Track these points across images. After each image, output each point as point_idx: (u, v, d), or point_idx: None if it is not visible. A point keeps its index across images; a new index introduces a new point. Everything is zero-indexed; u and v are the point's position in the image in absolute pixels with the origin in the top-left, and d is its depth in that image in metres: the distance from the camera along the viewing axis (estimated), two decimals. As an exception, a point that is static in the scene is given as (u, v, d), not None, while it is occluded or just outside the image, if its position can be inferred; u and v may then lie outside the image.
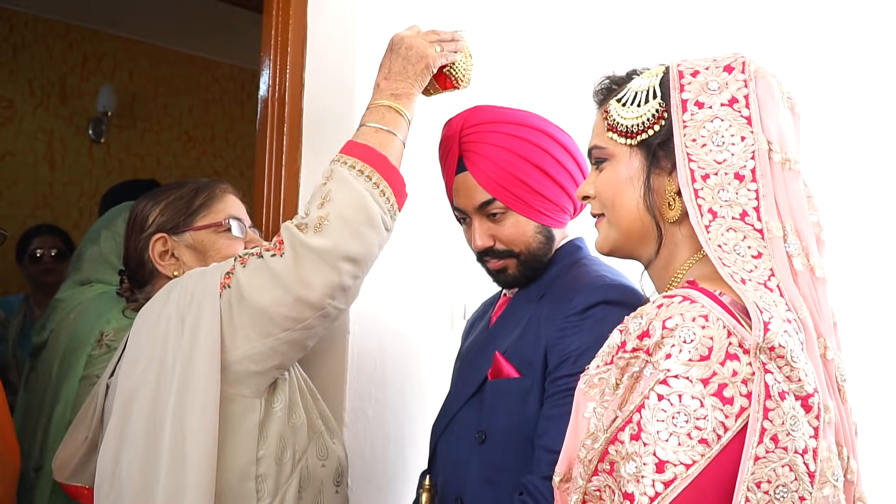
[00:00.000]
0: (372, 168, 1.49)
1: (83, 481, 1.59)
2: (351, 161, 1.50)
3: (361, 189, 1.47)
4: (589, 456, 1.02)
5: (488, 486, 1.54)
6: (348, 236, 1.44)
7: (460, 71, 1.67)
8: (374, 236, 1.48)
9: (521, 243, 1.61)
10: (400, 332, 2.06)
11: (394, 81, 1.58)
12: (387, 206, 1.49)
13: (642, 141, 1.16)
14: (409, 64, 1.59)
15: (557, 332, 1.51)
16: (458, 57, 1.66)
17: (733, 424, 0.94)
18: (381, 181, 1.49)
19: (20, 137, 4.57)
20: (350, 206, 1.45)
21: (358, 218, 1.45)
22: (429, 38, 1.63)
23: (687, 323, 0.98)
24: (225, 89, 5.37)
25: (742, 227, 1.06)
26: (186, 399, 1.41)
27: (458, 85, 1.68)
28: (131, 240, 1.67)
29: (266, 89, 2.07)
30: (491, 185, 1.58)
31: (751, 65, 1.13)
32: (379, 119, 1.55)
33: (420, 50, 1.59)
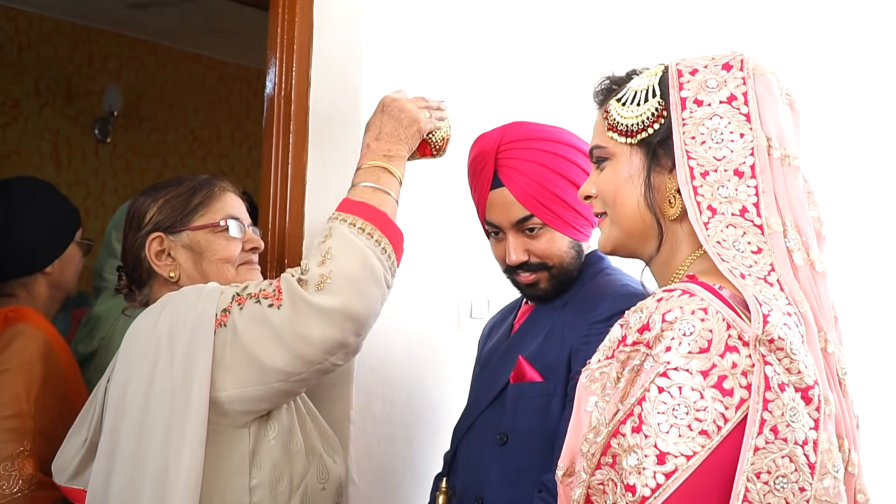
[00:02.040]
0: (373, 226, 1.48)
1: (82, 484, 1.55)
2: (351, 219, 1.49)
3: (364, 247, 1.46)
4: (591, 450, 1.03)
5: (509, 488, 1.57)
6: (353, 295, 1.43)
7: (440, 140, 1.67)
8: (377, 294, 1.47)
9: (555, 258, 1.63)
10: (406, 330, 2.07)
11: (386, 143, 1.58)
12: (388, 264, 1.49)
13: (642, 139, 1.17)
14: (402, 127, 1.59)
15: (582, 339, 1.54)
16: (442, 125, 1.67)
17: (733, 416, 0.95)
18: (382, 238, 1.48)
19: (26, 137, 4.59)
20: (353, 265, 1.44)
21: (362, 276, 1.44)
22: (418, 103, 1.64)
23: (686, 316, 0.99)
24: (231, 88, 5.38)
25: (742, 223, 1.07)
26: (172, 434, 1.39)
27: (435, 154, 1.69)
28: (129, 237, 1.64)
29: (272, 88, 2.08)
30: (529, 202, 1.60)
31: (749, 62, 1.14)
32: (374, 179, 1.54)
33: (412, 114, 1.60)
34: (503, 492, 1.58)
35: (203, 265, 1.60)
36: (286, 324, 1.41)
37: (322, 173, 2.04)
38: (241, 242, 1.63)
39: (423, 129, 1.61)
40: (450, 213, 2.14)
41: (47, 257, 2.05)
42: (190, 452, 1.38)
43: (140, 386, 1.43)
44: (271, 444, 1.49)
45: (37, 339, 1.90)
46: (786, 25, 2.94)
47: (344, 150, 2.03)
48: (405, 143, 1.59)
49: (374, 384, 2.01)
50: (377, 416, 2.02)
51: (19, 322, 1.92)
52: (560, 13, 2.45)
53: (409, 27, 2.12)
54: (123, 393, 1.45)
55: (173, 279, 1.59)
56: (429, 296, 2.13)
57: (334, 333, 1.42)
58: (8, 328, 1.90)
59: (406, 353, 2.08)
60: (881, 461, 2.00)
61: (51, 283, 2.07)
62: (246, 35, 4.52)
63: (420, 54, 2.15)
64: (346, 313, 1.42)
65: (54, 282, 2.08)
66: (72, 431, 1.62)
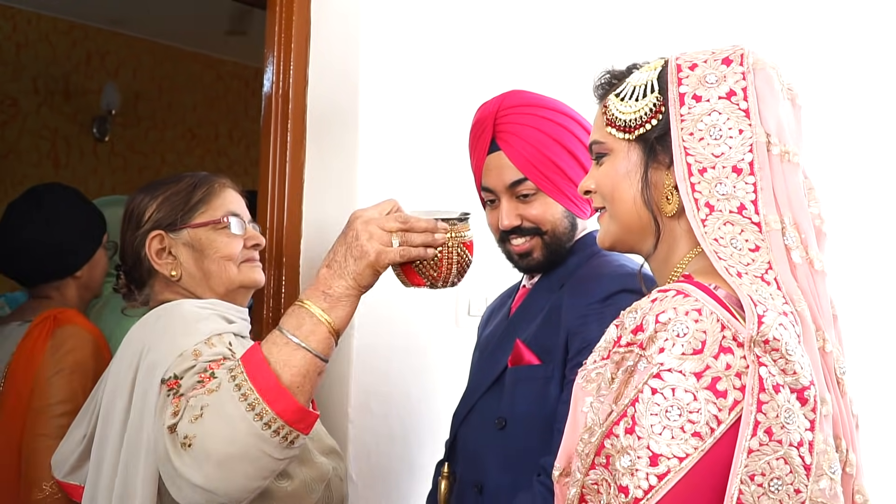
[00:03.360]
0: (257, 395, 1.26)
1: (79, 480, 1.54)
2: (240, 378, 1.28)
3: (237, 417, 1.25)
4: (586, 450, 1.02)
5: (508, 472, 1.56)
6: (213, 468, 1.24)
7: (433, 269, 1.40)
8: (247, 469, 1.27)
9: (547, 223, 1.63)
10: (405, 328, 2.07)
11: (332, 275, 1.34)
12: (275, 440, 1.26)
13: (640, 135, 1.16)
14: (351, 258, 1.34)
15: (579, 320, 1.53)
16: (430, 252, 1.37)
17: (727, 418, 0.95)
18: (266, 412, 1.25)
19: (24, 136, 4.58)
20: (219, 440, 1.24)
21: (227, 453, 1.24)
22: (388, 225, 1.35)
23: (680, 317, 0.98)
24: (229, 87, 5.38)
25: (739, 220, 1.07)
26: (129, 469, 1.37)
27: (433, 285, 1.42)
28: (127, 236, 1.61)
29: (270, 86, 2.08)
30: (524, 165, 1.60)
31: (749, 57, 1.13)
32: (294, 327, 1.32)
33: (365, 244, 1.33)
34: (502, 477, 1.57)
35: (205, 263, 1.57)
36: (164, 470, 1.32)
37: (320, 171, 2.04)
38: (242, 239, 1.61)
39: (377, 264, 1.34)
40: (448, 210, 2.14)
41: (78, 262, 2.14)
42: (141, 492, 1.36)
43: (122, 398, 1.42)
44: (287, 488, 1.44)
45: (87, 340, 1.99)
46: (789, 20, 2.94)
47: (341, 148, 2.03)
48: (353, 280, 1.34)
49: (373, 383, 2.01)
50: (375, 415, 2.02)
51: (68, 324, 1.99)
52: (560, 9, 2.44)
53: (406, 25, 2.12)
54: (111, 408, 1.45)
55: (175, 278, 1.57)
56: (426, 294, 2.13)
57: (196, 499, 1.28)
58: (58, 329, 1.98)
59: (404, 351, 2.08)
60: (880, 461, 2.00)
61: (80, 286, 2.17)
62: (244, 33, 4.52)
63: (417, 52, 2.15)
64: (204, 488, 1.26)
65: (84, 284, 2.18)
66: (73, 426, 1.61)
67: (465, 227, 1.43)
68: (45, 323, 2.00)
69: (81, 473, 1.54)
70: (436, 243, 1.38)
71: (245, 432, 1.25)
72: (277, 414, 1.26)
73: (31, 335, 1.99)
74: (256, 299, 2.01)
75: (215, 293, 1.58)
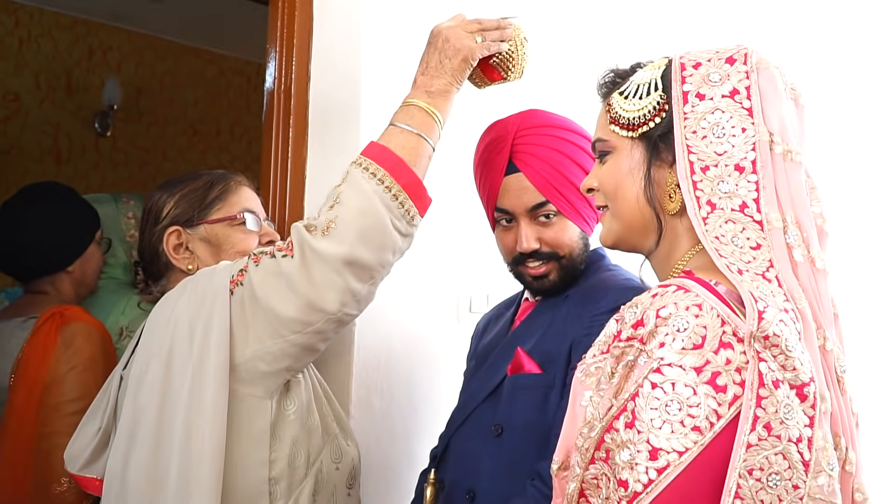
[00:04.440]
0: (385, 171, 1.44)
1: (95, 473, 1.57)
2: (366, 163, 1.45)
3: (371, 193, 1.42)
4: (586, 444, 1.03)
5: (502, 480, 1.55)
6: (355, 240, 1.40)
7: (508, 61, 1.60)
8: (384, 241, 1.43)
9: (565, 248, 1.62)
10: (406, 324, 2.07)
11: (430, 77, 1.52)
12: (400, 212, 1.44)
13: (643, 133, 1.16)
14: (446, 58, 1.52)
15: (584, 330, 1.53)
16: (504, 46, 1.58)
17: (726, 412, 0.95)
18: (393, 184, 1.43)
19: (26, 131, 4.59)
20: (358, 210, 1.41)
21: (366, 223, 1.41)
22: (469, 27, 1.56)
23: (680, 312, 0.99)
24: (230, 83, 5.38)
25: (741, 218, 1.07)
26: (193, 403, 1.40)
27: (506, 76, 1.61)
28: (146, 232, 1.66)
29: (272, 82, 2.07)
30: (545, 187, 1.59)
31: (753, 56, 1.13)
32: (407, 119, 1.50)
33: (456, 43, 1.52)
34: (496, 484, 1.56)
35: (221, 258, 1.60)
36: (297, 272, 1.41)
37: (322, 167, 2.04)
38: (257, 236, 1.65)
39: (471, 56, 1.53)
40: (449, 208, 2.14)
41: (70, 257, 2.22)
42: (211, 420, 1.39)
43: (159, 365, 1.45)
44: (290, 418, 1.50)
45: (96, 336, 2.06)
46: (793, 20, 2.94)
47: (344, 144, 2.02)
48: (451, 76, 1.53)
49: (374, 378, 2.01)
50: (377, 411, 2.02)
51: (76, 321, 2.05)
52: (562, 7, 2.44)
53: (409, 21, 2.12)
54: (144, 373, 1.47)
55: (191, 272, 1.60)
56: (428, 290, 2.13)
57: (339, 281, 1.40)
58: (66, 326, 2.03)
59: (405, 347, 2.08)
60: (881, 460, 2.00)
61: (74, 280, 2.24)
62: (246, 29, 4.51)
63: (419, 48, 2.14)
64: (348, 260, 1.40)
65: (77, 279, 2.25)
66: (85, 420, 1.63)
67: (522, 25, 1.63)
68: (53, 320, 2.04)
69: (96, 466, 1.57)
70: (508, 37, 1.59)
71: (379, 204, 1.42)
72: (402, 186, 1.44)
73: (39, 332, 2.04)
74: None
75: None
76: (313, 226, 1.42)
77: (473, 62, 1.54)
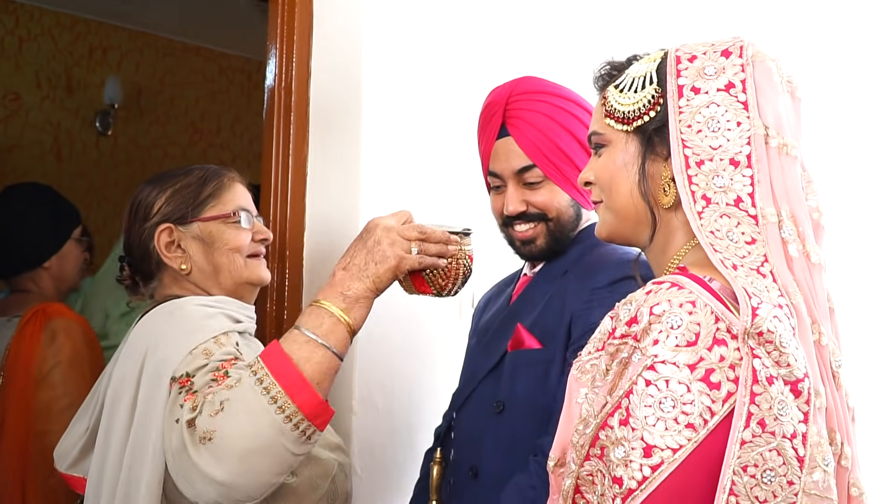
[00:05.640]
0: (281, 388, 1.30)
1: (82, 472, 1.55)
2: (262, 374, 1.31)
3: (261, 412, 1.28)
4: (581, 441, 1.03)
5: (504, 456, 1.56)
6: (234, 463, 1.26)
7: (442, 279, 1.48)
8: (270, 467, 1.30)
9: (553, 210, 1.63)
10: (408, 321, 2.07)
11: (350, 278, 1.41)
12: (294, 434, 1.30)
13: (638, 127, 1.16)
14: (372, 262, 1.41)
15: (583, 305, 1.53)
16: (442, 262, 1.46)
17: (720, 409, 0.95)
18: (288, 405, 1.29)
19: (27, 130, 4.59)
20: (242, 434, 1.27)
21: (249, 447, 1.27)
22: (408, 233, 1.44)
23: (674, 309, 0.99)
24: (231, 80, 5.38)
25: (736, 213, 1.07)
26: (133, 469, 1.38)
27: (436, 294, 1.50)
28: (134, 229, 1.60)
29: (272, 79, 2.07)
30: (533, 152, 1.60)
31: (748, 49, 1.13)
32: (315, 327, 1.37)
33: (387, 249, 1.41)
34: (498, 460, 1.57)
35: (214, 256, 1.58)
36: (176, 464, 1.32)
37: (323, 164, 2.04)
38: (250, 233, 1.62)
39: (398, 268, 1.42)
40: (451, 205, 2.14)
41: (44, 253, 2.27)
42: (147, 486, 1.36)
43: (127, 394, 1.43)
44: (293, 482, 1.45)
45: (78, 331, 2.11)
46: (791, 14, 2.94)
47: (344, 142, 2.03)
48: (372, 282, 1.41)
49: (376, 375, 2.02)
50: (379, 408, 2.02)
51: (58, 317, 2.10)
52: (563, 4, 2.44)
53: (409, 18, 2.12)
54: (117, 398, 1.45)
55: (185, 271, 1.57)
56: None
57: (213, 495, 1.30)
58: (48, 323, 2.08)
59: (407, 343, 2.08)
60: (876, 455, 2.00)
61: (53, 277, 2.29)
62: (246, 27, 4.51)
63: (420, 45, 2.15)
64: (223, 483, 1.28)
65: (56, 275, 2.30)
66: (75, 419, 1.61)
67: (469, 241, 1.53)
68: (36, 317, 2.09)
69: (84, 466, 1.55)
70: (448, 254, 1.47)
71: (267, 426, 1.28)
72: (299, 407, 1.30)
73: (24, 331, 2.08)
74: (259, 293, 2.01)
75: (223, 288, 1.58)
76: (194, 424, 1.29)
77: (400, 275, 1.44)
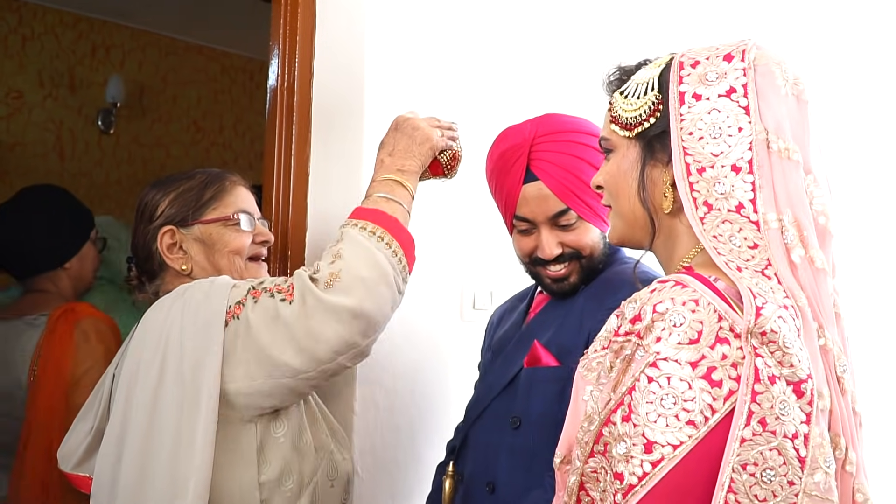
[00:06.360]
0: (384, 229, 1.50)
1: (87, 471, 1.57)
2: (362, 223, 1.50)
3: (374, 249, 1.47)
4: (586, 438, 1.04)
5: (521, 472, 1.57)
6: (362, 294, 1.43)
7: (452, 160, 1.70)
8: (387, 295, 1.47)
9: (587, 248, 1.63)
10: (409, 321, 2.07)
11: (399, 159, 1.61)
12: (399, 267, 1.49)
13: (639, 133, 1.17)
14: (415, 144, 1.62)
15: (600, 323, 1.50)
16: (454, 145, 1.69)
17: (721, 407, 0.96)
18: (392, 241, 1.49)
19: (30, 128, 4.59)
20: (363, 265, 1.45)
21: (371, 276, 1.45)
22: (430, 122, 1.67)
23: (677, 307, 0.99)
24: (234, 80, 5.38)
25: (738, 219, 1.07)
26: (183, 427, 1.40)
27: (447, 173, 1.72)
28: (139, 230, 1.65)
29: (275, 79, 2.07)
30: (565, 194, 1.59)
31: (751, 52, 1.12)
32: (388, 190, 1.57)
33: (425, 132, 1.63)
34: (515, 476, 1.58)
35: (215, 257, 1.61)
36: (296, 320, 1.41)
37: (325, 164, 2.04)
38: (251, 235, 1.65)
39: (435, 146, 1.64)
40: (452, 206, 2.14)
41: (66, 255, 2.33)
42: (202, 448, 1.39)
43: (149, 380, 1.44)
44: (280, 441, 1.50)
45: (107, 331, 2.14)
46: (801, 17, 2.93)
47: (347, 141, 2.03)
48: (418, 160, 1.63)
49: (378, 375, 2.02)
50: (381, 408, 2.02)
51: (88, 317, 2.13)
52: (568, 4, 2.44)
53: (412, 18, 2.12)
54: (133, 384, 1.47)
55: (185, 272, 1.61)
56: (432, 287, 2.14)
57: (342, 332, 1.42)
58: (79, 323, 2.11)
59: (409, 344, 2.08)
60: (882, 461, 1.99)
61: (72, 277, 2.35)
62: (249, 26, 4.51)
63: (423, 45, 2.15)
64: (353, 312, 1.42)
65: (75, 275, 2.35)
66: (78, 418, 1.63)
67: None
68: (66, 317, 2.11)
69: (89, 465, 1.57)
70: (455, 137, 1.70)
71: (382, 258, 1.47)
72: (400, 244, 1.51)
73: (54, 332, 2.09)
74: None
75: None
76: (315, 278, 1.45)
77: (436, 152, 1.66)
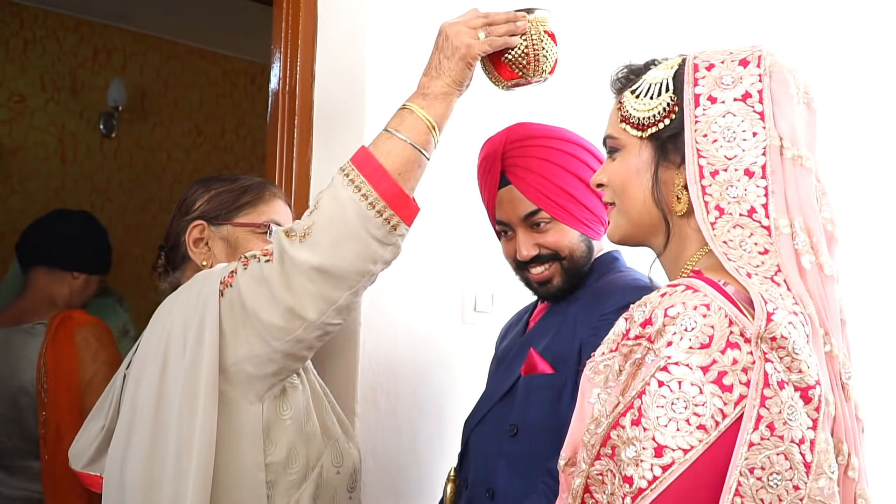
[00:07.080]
0: (364, 178, 1.39)
1: (98, 470, 1.59)
2: (348, 169, 1.42)
3: (347, 200, 1.39)
4: (592, 440, 1.04)
5: (519, 479, 1.59)
6: (328, 249, 1.37)
7: (523, 58, 1.47)
8: (359, 250, 1.39)
9: (565, 248, 1.65)
10: (411, 324, 2.07)
11: (430, 79, 1.46)
12: (378, 221, 1.39)
13: (652, 134, 1.16)
14: (445, 58, 1.45)
15: (592, 330, 1.55)
16: (516, 41, 1.46)
17: (731, 411, 0.96)
18: (370, 192, 1.39)
19: (32, 132, 4.59)
20: (331, 218, 1.39)
21: (337, 231, 1.38)
22: (473, 23, 1.46)
23: (688, 311, 0.99)
24: (235, 84, 5.38)
25: (749, 223, 1.07)
26: (185, 403, 1.41)
27: (523, 75, 1.49)
28: (175, 220, 1.68)
29: (276, 82, 2.08)
30: (536, 196, 1.62)
31: (766, 59, 1.12)
32: (396, 124, 1.45)
33: (455, 41, 1.44)
34: (513, 482, 1.60)
35: None
36: (275, 277, 1.40)
37: (326, 168, 2.04)
38: None
39: (469, 55, 1.44)
40: (453, 208, 2.14)
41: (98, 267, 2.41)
42: (202, 422, 1.39)
43: (156, 365, 1.46)
44: (286, 423, 1.50)
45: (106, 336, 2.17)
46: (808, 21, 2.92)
47: (349, 145, 2.02)
48: (449, 78, 1.44)
49: (379, 378, 2.02)
50: (382, 410, 2.02)
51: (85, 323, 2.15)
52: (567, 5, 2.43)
53: (413, 21, 2.11)
54: (140, 376, 1.49)
55: (206, 267, 1.62)
56: (433, 290, 2.13)
57: (311, 288, 1.38)
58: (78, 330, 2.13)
59: (410, 346, 2.08)
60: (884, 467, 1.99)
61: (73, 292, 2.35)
62: (250, 30, 4.52)
63: (424, 48, 2.13)
64: (319, 268, 1.38)
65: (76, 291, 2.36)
66: (90, 418, 1.65)
67: (545, 18, 1.50)
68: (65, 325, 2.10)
69: (100, 464, 1.58)
70: (518, 30, 1.47)
71: (353, 213, 1.38)
72: (380, 195, 1.39)
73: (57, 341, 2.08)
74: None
75: None
76: (293, 231, 1.41)
77: (473, 61, 1.45)
